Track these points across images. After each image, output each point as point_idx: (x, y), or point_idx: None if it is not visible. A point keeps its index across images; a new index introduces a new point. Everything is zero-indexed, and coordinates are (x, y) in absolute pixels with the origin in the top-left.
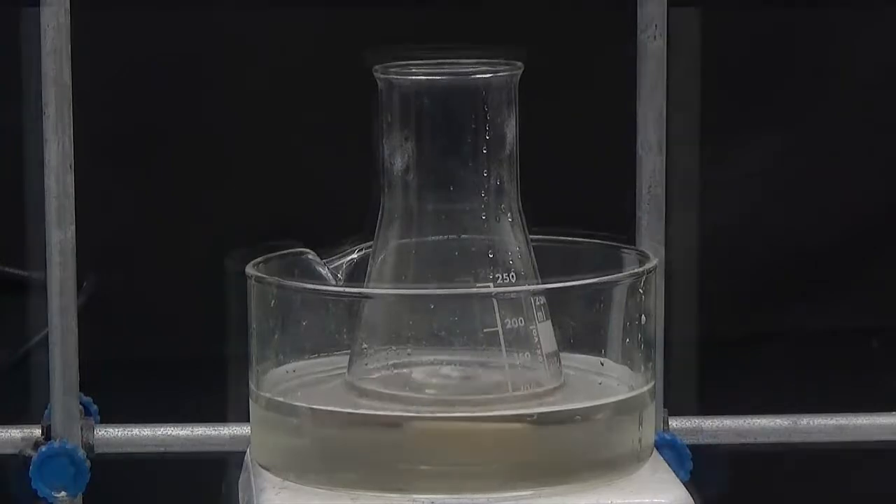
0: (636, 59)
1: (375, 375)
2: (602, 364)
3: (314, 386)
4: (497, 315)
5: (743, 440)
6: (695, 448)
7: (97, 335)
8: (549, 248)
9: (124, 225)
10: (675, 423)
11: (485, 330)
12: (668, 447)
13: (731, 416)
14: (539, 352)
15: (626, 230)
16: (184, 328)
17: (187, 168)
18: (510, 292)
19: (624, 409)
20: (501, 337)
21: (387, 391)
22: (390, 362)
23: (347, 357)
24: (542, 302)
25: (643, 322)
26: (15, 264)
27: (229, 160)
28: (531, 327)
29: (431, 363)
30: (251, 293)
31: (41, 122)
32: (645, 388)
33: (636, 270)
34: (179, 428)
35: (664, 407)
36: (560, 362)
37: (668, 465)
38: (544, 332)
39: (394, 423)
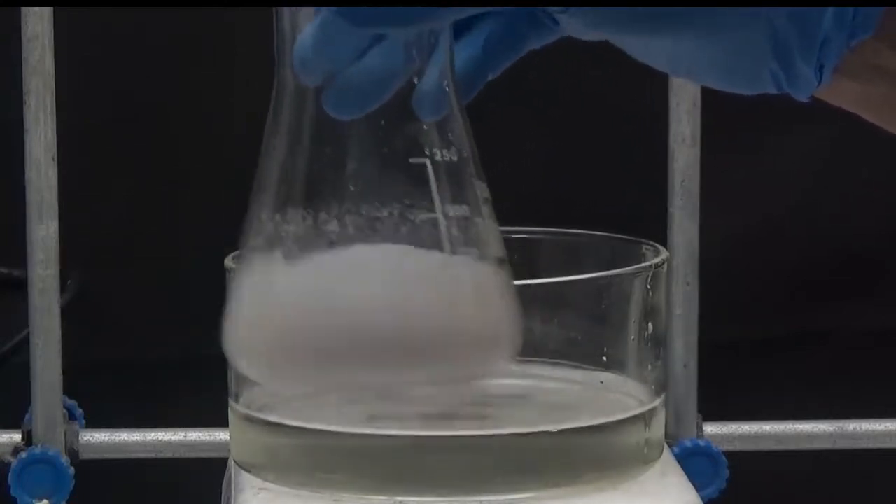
0: None
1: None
2: (605, 360)
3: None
4: None
5: (783, 446)
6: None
7: (83, 336)
8: (553, 241)
9: (111, 220)
10: (710, 428)
11: None
12: (702, 454)
13: (770, 420)
14: None
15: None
16: (175, 328)
17: (179, 162)
18: None
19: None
20: None
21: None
22: None
23: None
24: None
25: (651, 318)
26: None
27: (222, 156)
28: None
29: None
30: (231, 288)
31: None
32: (651, 388)
33: (643, 265)
34: (171, 433)
35: (698, 412)
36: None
37: (703, 473)
38: None
39: (383, 442)
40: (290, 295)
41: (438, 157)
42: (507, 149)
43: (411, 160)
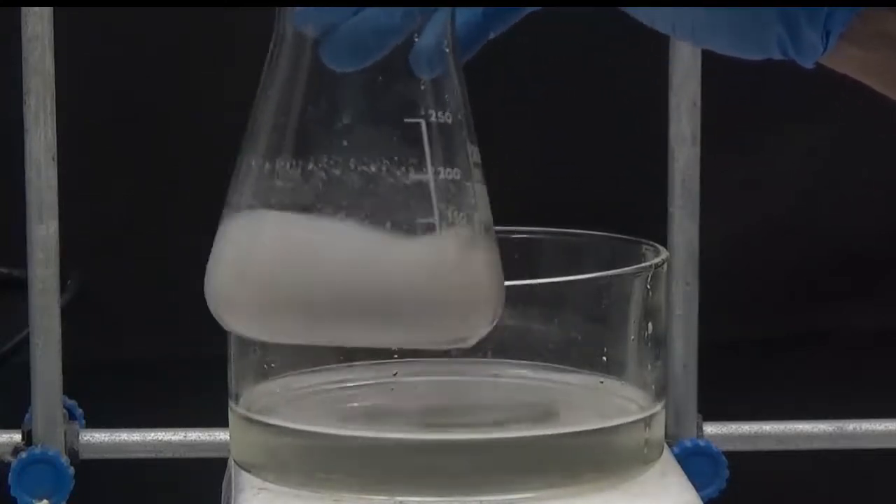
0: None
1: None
2: (605, 360)
3: (297, 390)
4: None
5: (783, 446)
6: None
7: (83, 336)
8: (553, 241)
9: (111, 220)
10: (710, 428)
11: None
12: (702, 454)
13: (770, 420)
14: None
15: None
16: (175, 327)
17: (179, 162)
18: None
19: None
20: None
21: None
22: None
23: (331, 349)
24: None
25: (651, 318)
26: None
27: (222, 156)
28: None
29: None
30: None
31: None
32: (651, 388)
33: (643, 265)
34: (171, 433)
35: (698, 412)
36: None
37: (703, 473)
38: None
39: (383, 443)
40: (276, 247)
41: (433, 119)
42: (508, 149)
43: (406, 120)
